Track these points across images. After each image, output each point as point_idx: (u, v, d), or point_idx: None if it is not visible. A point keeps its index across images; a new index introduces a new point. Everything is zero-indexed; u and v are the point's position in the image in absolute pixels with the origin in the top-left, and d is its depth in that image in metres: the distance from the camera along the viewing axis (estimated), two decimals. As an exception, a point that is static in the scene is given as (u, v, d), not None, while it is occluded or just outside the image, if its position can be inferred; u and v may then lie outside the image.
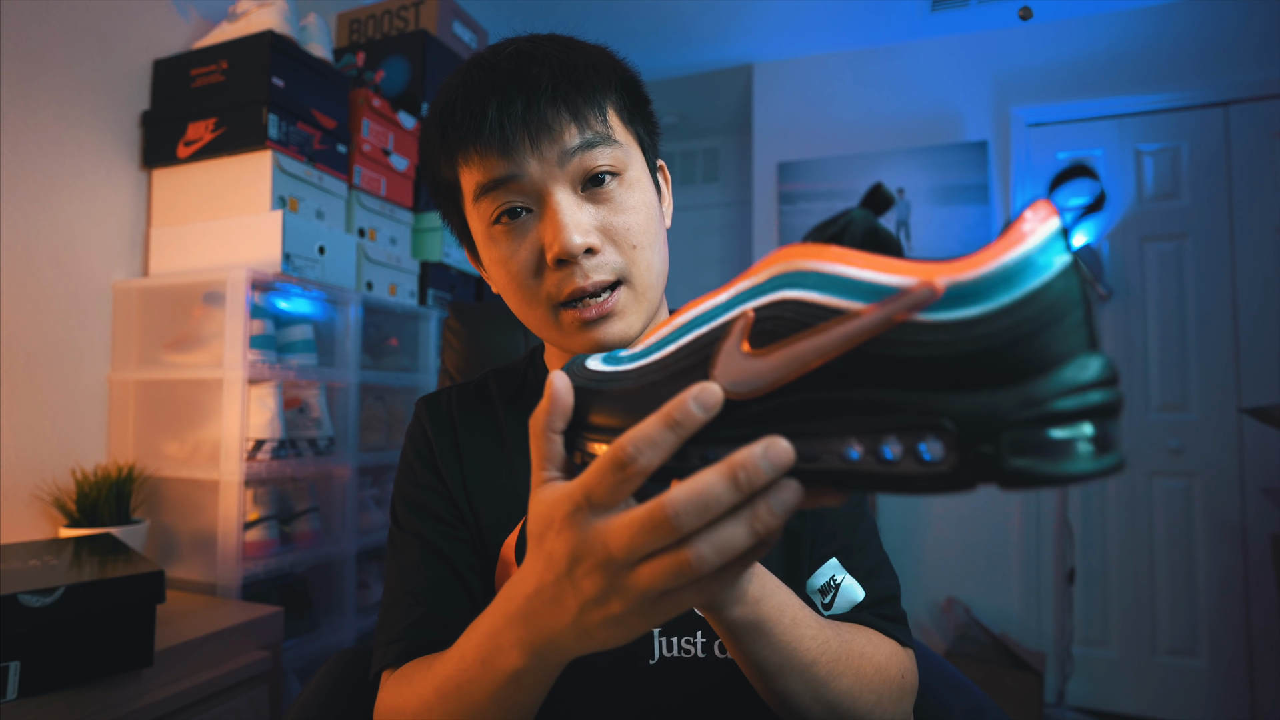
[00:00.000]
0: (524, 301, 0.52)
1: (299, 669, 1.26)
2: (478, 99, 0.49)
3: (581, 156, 0.49)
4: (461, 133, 0.50)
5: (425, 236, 1.68)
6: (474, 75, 0.51)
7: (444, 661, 0.43)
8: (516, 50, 0.51)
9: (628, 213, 0.51)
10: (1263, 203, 2.09)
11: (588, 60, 0.52)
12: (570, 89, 0.49)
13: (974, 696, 0.65)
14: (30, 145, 1.18)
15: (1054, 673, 2.16)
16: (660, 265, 0.54)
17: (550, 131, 0.48)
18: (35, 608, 0.75)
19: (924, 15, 2.30)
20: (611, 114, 0.52)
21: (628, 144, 0.53)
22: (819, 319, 0.26)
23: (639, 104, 0.56)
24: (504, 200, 0.50)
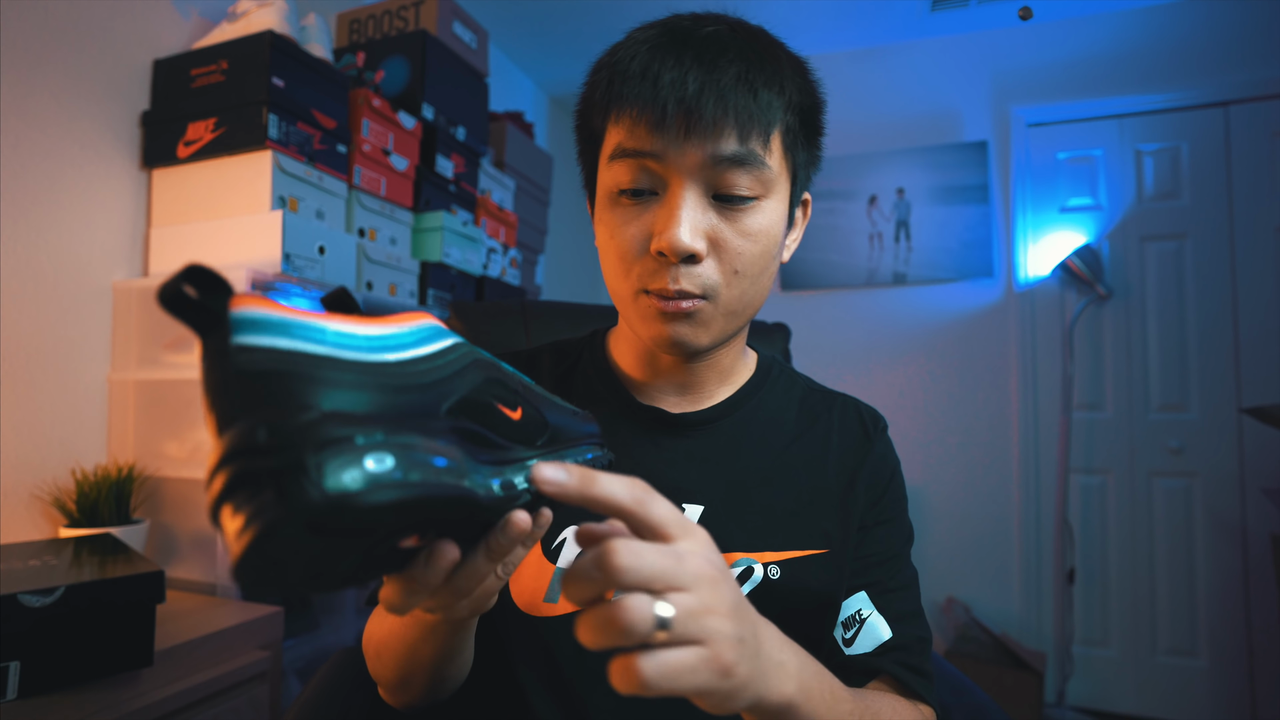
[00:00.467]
0: (614, 272, 0.52)
1: (299, 669, 1.26)
2: (657, 64, 0.47)
3: (727, 169, 0.48)
4: (626, 88, 0.48)
5: (425, 236, 1.68)
6: (664, 41, 0.49)
7: None
8: (716, 33, 0.49)
9: (746, 238, 0.50)
10: (1263, 203, 2.09)
11: (779, 73, 0.50)
12: (747, 96, 0.47)
13: (974, 696, 0.65)
14: (30, 145, 1.18)
15: (1054, 673, 2.16)
16: (757, 298, 0.53)
17: (709, 129, 0.46)
18: (35, 608, 0.75)
19: (924, 15, 2.30)
20: (776, 136, 0.50)
21: (779, 171, 0.51)
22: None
23: (810, 133, 0.54)
24: (634, 174, 0.49)
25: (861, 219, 2.47)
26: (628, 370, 0.60)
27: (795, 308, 2.52)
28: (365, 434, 0.24)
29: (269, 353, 0.24)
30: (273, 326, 0.25)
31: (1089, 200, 2.28)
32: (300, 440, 0.23)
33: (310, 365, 0.25)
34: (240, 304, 0.24)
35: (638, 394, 0.60)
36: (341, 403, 0.25)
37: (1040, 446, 2.27)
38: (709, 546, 0.33)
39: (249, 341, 0.24)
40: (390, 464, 0.24)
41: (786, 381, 0.64)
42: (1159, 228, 2.21)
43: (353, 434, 0.24)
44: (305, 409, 0.24)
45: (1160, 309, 2.19)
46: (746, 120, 0.47)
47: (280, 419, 0.23)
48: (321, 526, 0.23)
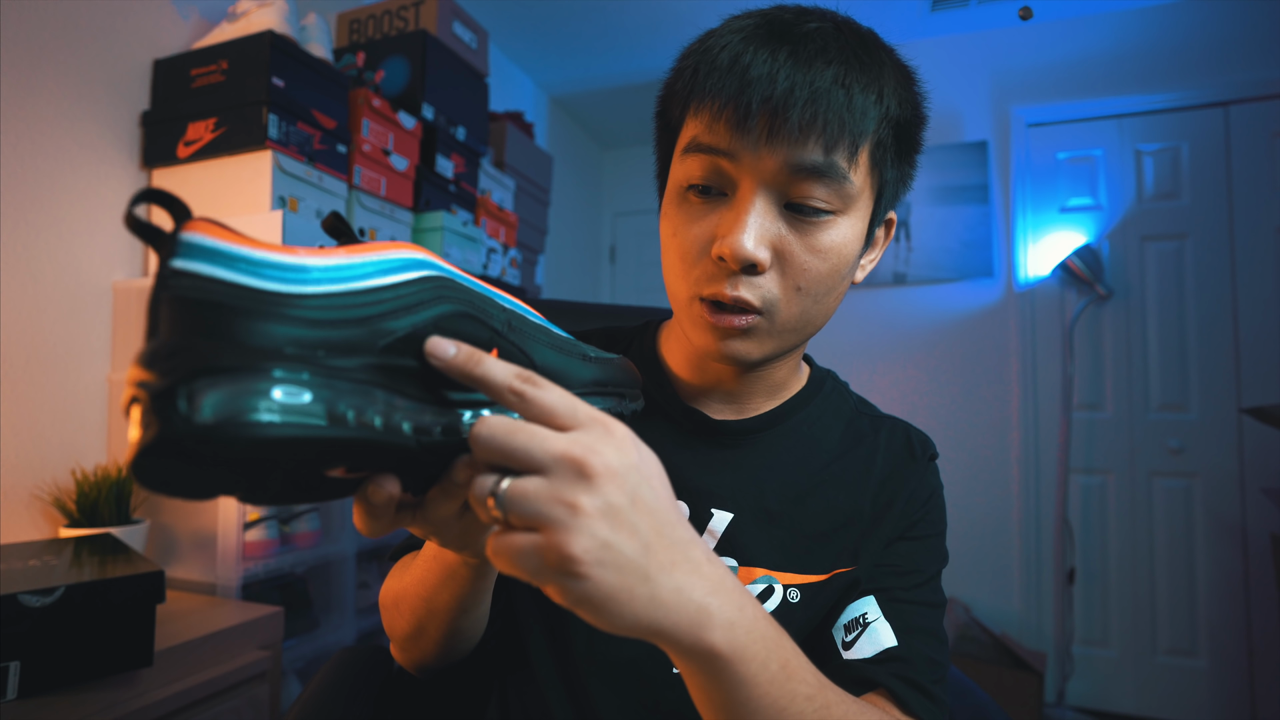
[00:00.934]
0: (672, 270, 0.50)
1: (299, 669, 1.26)
2: (749, 54, 0.44)
3: (805, 179, 0.44)
4: (708, 82, 0.45)
5: (425, 236, 1.68)
6: (764, 30, 0.46)
7: (423, 552, 0.50)
8: (820, 30, 0.46)
9: (815, 254, 0.46)
10: (1263, 203, 2.09)
11: (880, 80, 0.46)
12: (839, 103, 0.44)
13: (975, 697, 0.65)
14: (30, 145, 1.18)
15: (1054, 673, 2.16)
16: (819, 318, 0.50)
17: (793, 134, 0.43)
18: (35, 608, 0.75)
19: (924, 15, 2.30)
20: (864, 151, 0.46)
21: (862, 188, 0.47)
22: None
23: (904, 149, 0.51)
24: (705, 171, 0.46)
25: (861, 219, 2.47)
26: (676, 370, 0.58)
27: (795, 308, 2.52)
28: (254, 369, 0.24)
29: (196, 279, 0.25)
30: (212, 255, 0.25)
31: (1089, 200, 2.28)
32: (181, 368, 0.23)
33: (231, 295, 0.25)
34: (191, 229, 0.25)
35: (683, 395, 0.58)
36: (253, 336, 0.25)
37: (1040, 446, 2.27)
38: (615, 442, 0.30)
39: (184, 266, 0.25)
40: (270, 401, 0.24)
41: (837, 399, 0.61)
42: (1159, 228, 2.21)
43: (240, 366, 0.24)
44: (207, 338, 0.24)
45: (1160, 309, 2.19)
46: (836, 129, 0.44)
47: (177, 346, 0.24)
48: (191, 454, 0.23)
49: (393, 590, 0.54)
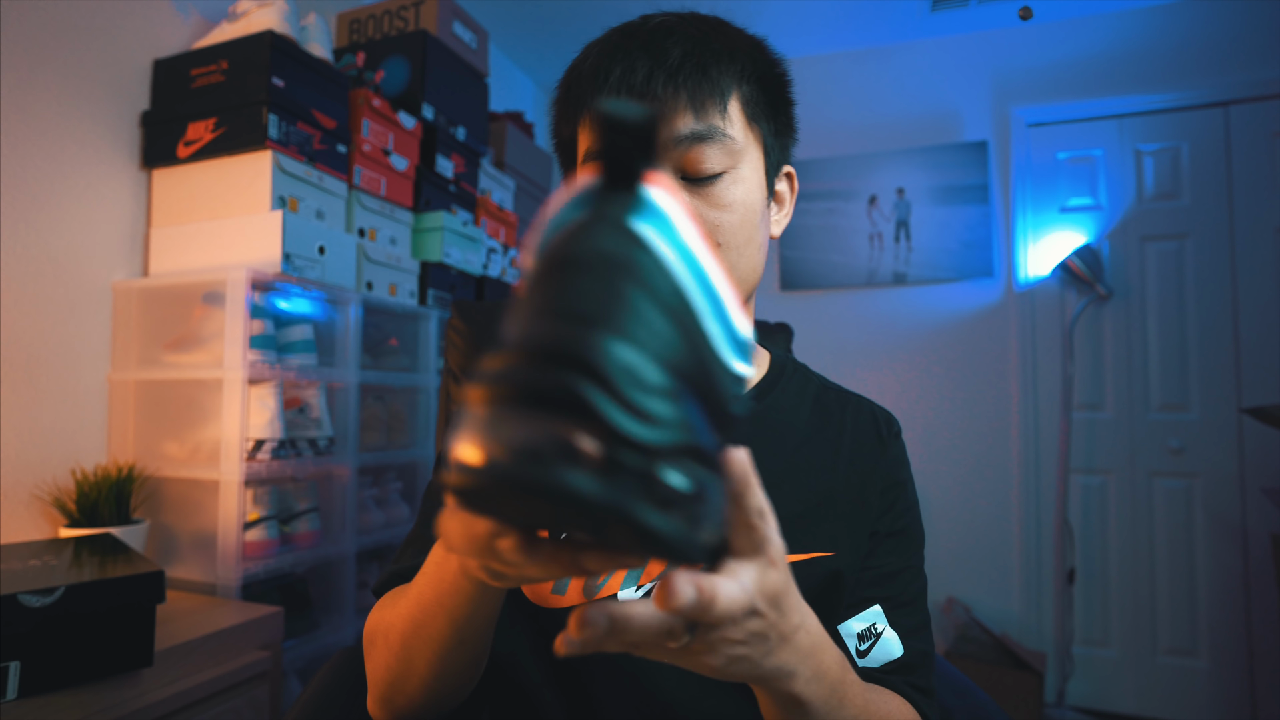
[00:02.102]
0: None
1: (299, 669, 1.26)
2: (606, 61, 0.49)
3: (690, 148, 0.48)
4: (581, 91, 0.50)
5: (425, 236, 1.68)
6: (614, 38, 0.51)
7: (416, 581, 0.45)
8: (663, 23, 0.50)
9: (722, 209, 0.50)
10: (1263, 203, 2.09)
11: (727, 46, 0.50)
12: (695, 70, 0.48)
13: (975, 697, 0.65)
14: (30, 145, 1.18)
15: (1054, 673, 2.16)
16: (748, 271, 0.52)
17: (664, 112, 0.48)
18: (35, 608, 0.75)
19: (924, 15, 2.30)
20: (735, 106, 0.50)
21: (745, 141, 0.51)
22: None
23: (774, 103, 0.54)
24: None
25: (861, 219, 2.47)
26: None
27: (795, 308, 2.52)
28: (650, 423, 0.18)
29: (649, 256, 0.19)
30: (668, 231, 0.19)
31: (1089, 200, 2.28)
32: (583, 386, 0.17)
33: (670, 295, 0.19)
34: (654, 181, 0.20)
35: None
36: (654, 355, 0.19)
37: (1040, 446, 2.27)
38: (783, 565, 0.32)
39: (642, 232, 0.19)
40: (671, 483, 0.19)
41: (800, 380, 0.63)
42: (1159, 228, 2.21)
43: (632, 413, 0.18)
44: (625, 355, 0.18)
45: (1160, 309, 2.19)
46: (699, 95, 0.48)
47: (586, 351, 0.17)
48: (535, 499, 0.19)
49: (377, 623, 0.49)
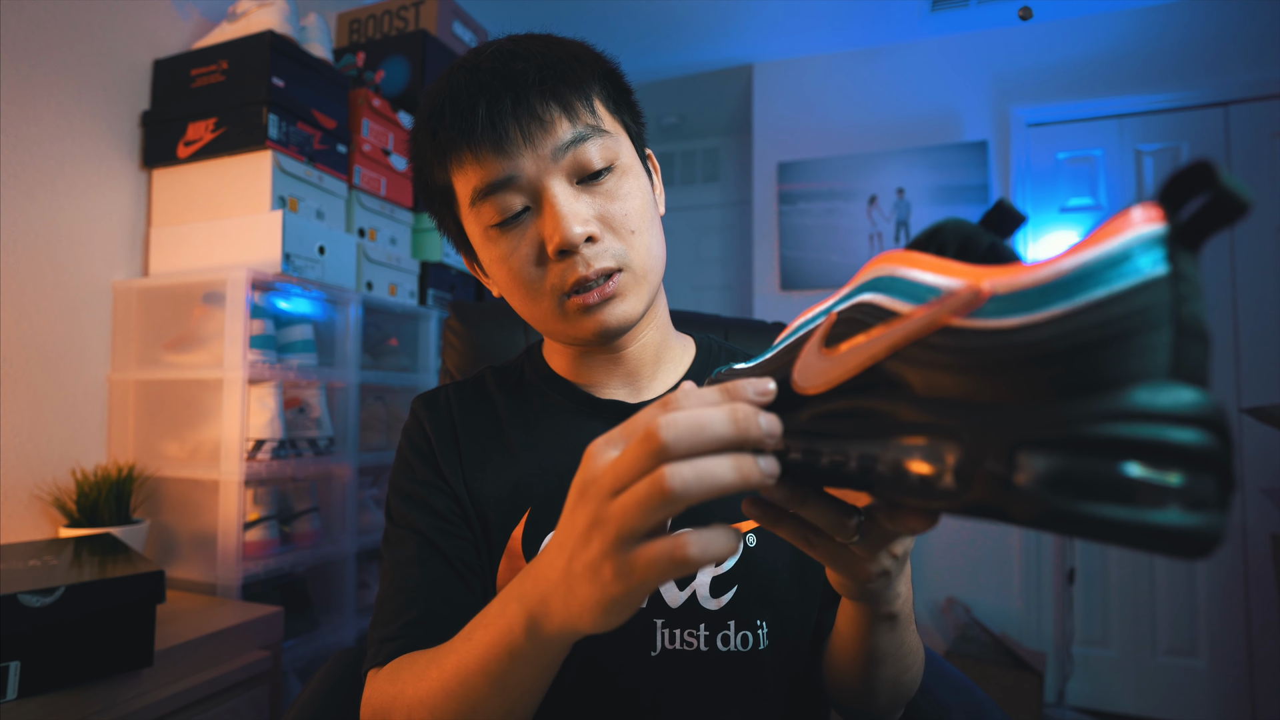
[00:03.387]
0: (527, 296, 0.53)
1: (299, 669, 1.26)
2: (466, 99, 0.50)
3: (575, 151, 0.50)
4: (453, 134, 0.50)
5: (425, 236, 1.68)
6: (459, 77, 0.51)
7: (447, 649, 0.42)
8: (498, 49, 0.52)
9: (623, 199, 0.52)
10: (1263, 203, 2.09)
11: (569, 52, 0.52)
12: (556, 81, 0.50)
13: (974, 696, 0.65)
14: (30, 145, 1.18)
15: (1054, 673, 2.16)
16: (658, 249, 0.55)
17: (543, 125, 0.49)
18: (35, 608, 0.75)
19: (924, 15, 2.30)
20: (598, 104, 0.53)
21: (616, 133, 0.53)
22: (879, 319, 0.26)
23: (623, 93, 0.56)
24: (502, 204, 0.50)
25: (861, 219, 2.47)
26: (568, 376, 0.61)
27: (795, 308, 2.52)
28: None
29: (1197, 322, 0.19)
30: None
31: (1089, 200, 2.28)
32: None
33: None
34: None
35: (592, 392, 0.60)
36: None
37: (1040, 446, 2.26)
38: None
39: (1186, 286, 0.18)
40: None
41: (727, 357, 0.65)
42: (1159, 228, 2.20)
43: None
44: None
45: (1160, 309, 2.19)
46: (568, 102, 0.50)
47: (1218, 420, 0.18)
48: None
49: (392, 700, 0.45)
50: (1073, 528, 0.18)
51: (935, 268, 0.25)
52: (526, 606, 0.35)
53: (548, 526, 0.54)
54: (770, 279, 2.59)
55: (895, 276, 0.26)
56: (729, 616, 0.53)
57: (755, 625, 0.53)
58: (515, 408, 0.60)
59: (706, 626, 0.52)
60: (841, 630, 0.48)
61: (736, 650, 0.52)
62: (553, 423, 0.59)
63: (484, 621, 0.40)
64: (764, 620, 0.53)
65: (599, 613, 0.31)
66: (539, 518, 0.55)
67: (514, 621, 0.36)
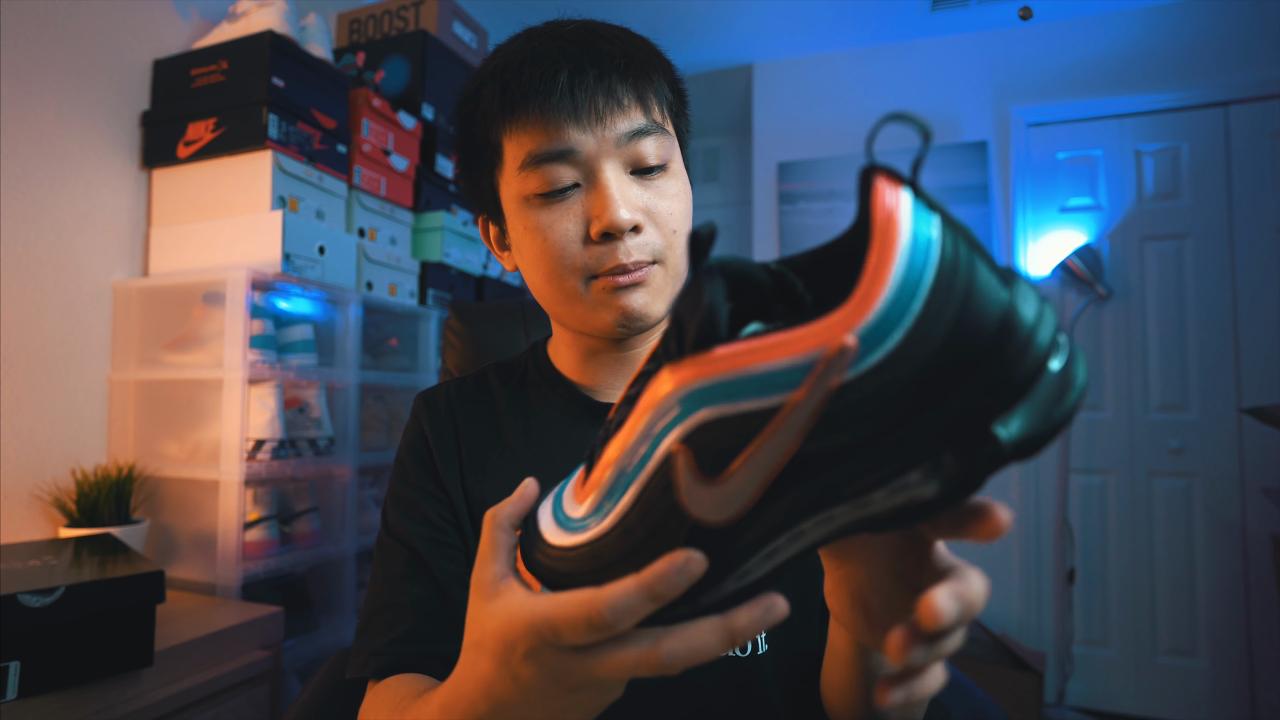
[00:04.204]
0: (554, 272, 0.52)
1: (299, 669, 1.26)
2: (549, 63, 0.49)
3: (638, 142, 0.51)
4: (528, 93, 0.49)
5: (425, 236, 1.68)
6: (541, 43, 0.51)
7: (443, 688, 0.38)
8: (582, 26, 0.52)
9: (671, 199, 0.52)
10: (1263, 203, 2.09)
11: (649, 48, 0.54)
12: (639, 72, 0.51)
13: (974, 696, 0.65)
14: (30, 145, 1.18)
15: (1054, 673, 2.16)
16: None
17: (618, 108, 0.50)
18: (35, 608, 0.75)
19: (924, 15, 2.30)
20: (664, 103, 0.54)
21: (673, 136, 0.54)
22: (756, 426, 0.24)
23: (681, 102, 0.58)
24: (553, 175, 0.50)
25: (861, 219, 2.47)
26: (572, 375, 0.60)
27: (795, 308, 2.52)
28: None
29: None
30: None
31: (1089, 200, 2.28)
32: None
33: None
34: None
35: (593, 395, 0.60)
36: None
37: (1040, 446, 2.26)
38: None
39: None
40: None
41: None
42: (1159, 228, 2.21)
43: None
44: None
45: (1160, 309, 2.19)
46: (645, 94, 0.51)
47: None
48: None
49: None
50: (1062, 430, 0.23)
51: (765, 353, 0.23)
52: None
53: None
54: (770, 279, 2.59)
55: (718, 384, 0.24)
56: None
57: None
58: (516, 407, 0.60)
59: None
60: (842, 661, 0.45)
61: (736, 655, 0.52)
62: (553, 425, 0.59)
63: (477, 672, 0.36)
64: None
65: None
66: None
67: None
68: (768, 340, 0.24)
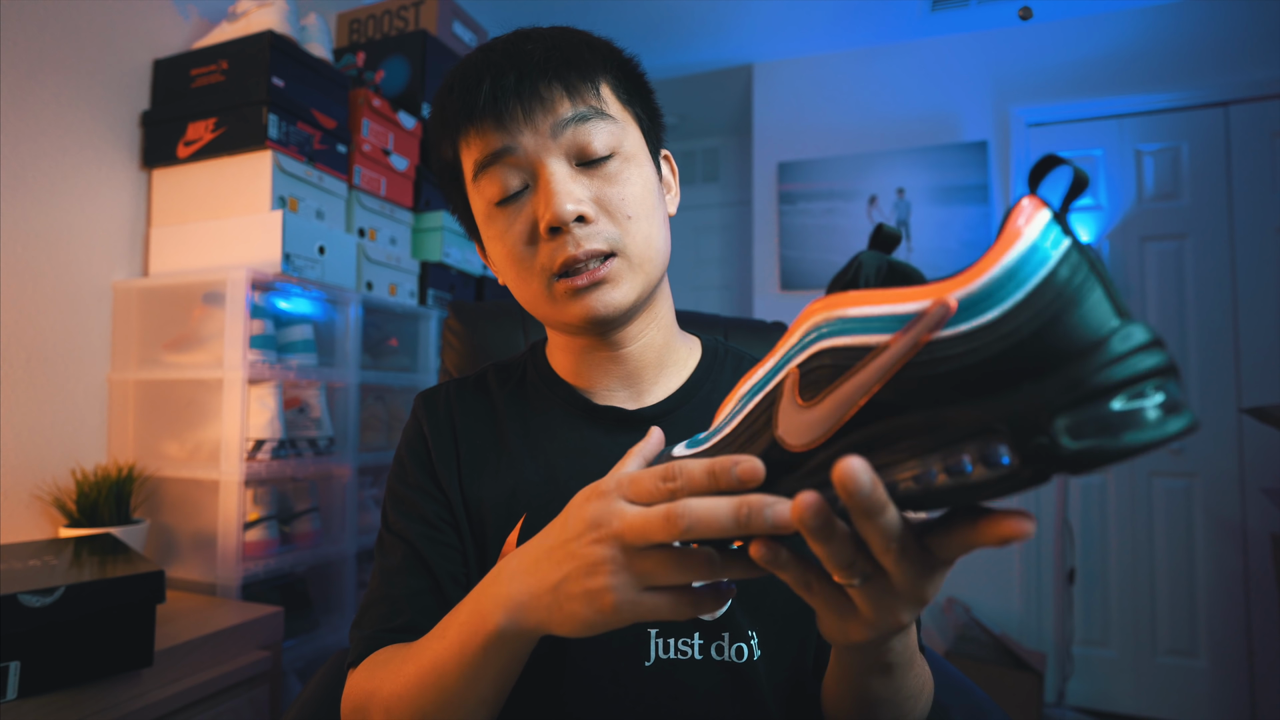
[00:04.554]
0: (519, 276, 0.53)
1: (299, 669, 1.26)
2: (473, 76, 0.51)
3: (575, 130, 0.50)
4: (458, 109, 0.51)
5: (425, 236, 1.68)
6: (472, 58, 0.53)
7: (422, 645, 0.45)
8: (515, 33, 0.53)
9: (622, 184, 0.52)
10: (1263, 203, 2.09)
11: (581, 39, 0.53)
12: (561, 63, 0.50)
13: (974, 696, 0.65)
14: (30, 145, 1.18)
15: (1054, 673, 2.16)
16: (660, 241, 0.54)
17: (543, 102, 0.50)
18: (35, 608, 0.75)
19: (924, 15, 2.30)
20: (607, 90, 0.53)
21: (624, 121, 0.53)
22: (854, 359, 0.27)
23: (637, 87, 0.56)
24: (501, 179, 0.51)
25: (861, 219, 2.47)
26: (568, 378, 0.60)
27: (795, 308, 2.52)
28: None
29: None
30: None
31: (1089, 200, 2.28)
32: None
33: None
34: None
35: (591, 397, 0.60)
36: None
37: (1040, 446, 2.26)
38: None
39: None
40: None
41: (734, 360, 0.64)
42: (1159, 228, 2.21)
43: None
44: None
45: (1160, 309, 2.19)
46: (572, 82, 0.50)
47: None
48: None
49: (370, 692, 0.47)
50: (1117, 460, 0.22)
51: (886, 298, 0.27)
52: (504, 608, 0.38)
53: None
54: (770, 279, 2.59)
55: (846, 319, 0.28)
56: (723, 627, 0.52)
57: (748, 636, 0.52)
58: (515, 409, 0.60)
59: (701, 636, 0.52)
60: (832, 670, 0.47)
61: (731, 661, 0.52)
62: (551, 428, 0.59)
63: (458, 619, 0.42)
64: (755, 632, 0.53)
65: (583, 629, 0.35)
66: (534, 523, 0.55)
67: (489, 620, 0.39)
68: (888, 291, 0.27)
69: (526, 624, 0.38)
